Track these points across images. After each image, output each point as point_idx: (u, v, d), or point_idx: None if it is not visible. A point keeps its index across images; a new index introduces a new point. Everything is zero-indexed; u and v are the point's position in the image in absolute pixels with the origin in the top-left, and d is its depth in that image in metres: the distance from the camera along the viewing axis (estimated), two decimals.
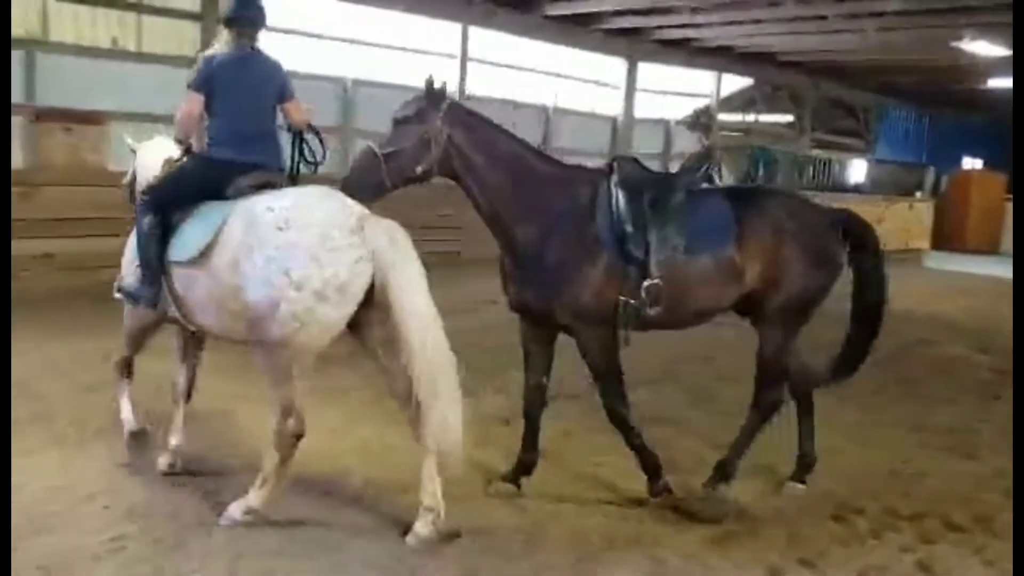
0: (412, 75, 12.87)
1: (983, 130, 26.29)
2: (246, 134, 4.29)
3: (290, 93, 4.61)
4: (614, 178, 4.19)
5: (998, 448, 5.53)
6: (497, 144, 4.25)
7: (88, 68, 9.61)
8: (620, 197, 4.12)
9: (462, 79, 13.37)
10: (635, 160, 4.44)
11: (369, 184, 4.07)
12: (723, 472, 4.40)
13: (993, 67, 16.10)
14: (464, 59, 13.35)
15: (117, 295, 4.43)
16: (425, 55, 13.05)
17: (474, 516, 4.01)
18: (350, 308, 3.69)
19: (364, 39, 12.21)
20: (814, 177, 21.27)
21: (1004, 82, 18.06)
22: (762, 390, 4.48)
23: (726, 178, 18.30)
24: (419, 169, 4.08)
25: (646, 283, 4.00)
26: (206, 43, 10.38)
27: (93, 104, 9.65)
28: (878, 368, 7.64)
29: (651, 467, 4.29)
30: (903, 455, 5.33)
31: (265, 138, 4.38)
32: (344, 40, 12.00)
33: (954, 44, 13.61)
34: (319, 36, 11.74)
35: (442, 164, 4.11)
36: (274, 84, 4.52)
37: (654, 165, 17.28)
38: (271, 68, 4.58)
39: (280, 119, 4.57)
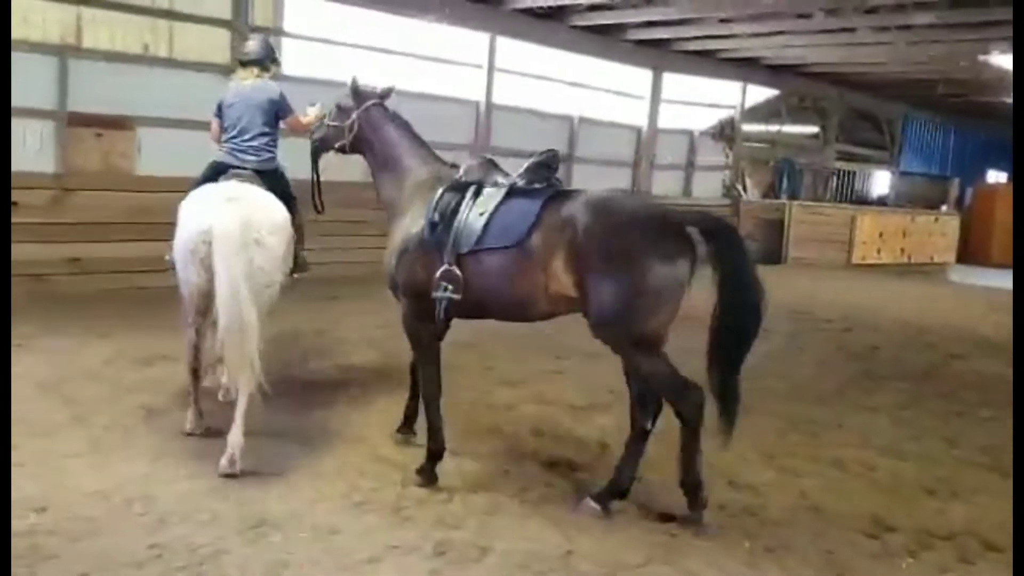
0: (439, 84, 12.95)
1: (1008, 144, 26.08)
2: (238, 145, 5.76)
3: (285, 111, 5.83)
4: (451, 175, 4.78)
5: None
6: (387, 139, 5.20)
7: (120, 74, 9.70)
8: (440, 192, 4.61)
9: (489, 89, 13.39)
10: (490, 161, 4.95)
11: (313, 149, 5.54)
12: (690, 488, 4.19)
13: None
14: (491, 69, 13.37)
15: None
16: (452, 65, 13.09)
17: (507, 530, 4.00)
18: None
19: (392, 48, 12.24)
20: (838, 189, 21.17)
21: None
22: (672, 404, 4.25)
23: (750, 189, 18.29)
24: (338, 144, 5.39)
25: (441, 268, 4.40)
26: (235, 49, 10.48)
27: (124, 110, 9.75)
28: (912, 383, 7.66)
29: (434, 450, 4.58)
30: (938, 472, 5.26)
31: (253, 147, 5.77)
32: (371, 49, 12.03)
33: (982, 57, 13.52)
34: (346, 44, 11.79)
35: (352, 145, 5.33)
36: (268, 107, 5.75)
37: (678, 175, 17.31)
38: (266, 95, 5.77)
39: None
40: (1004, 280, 17.69)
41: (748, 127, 18.71)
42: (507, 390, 6.48)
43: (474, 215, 4.45)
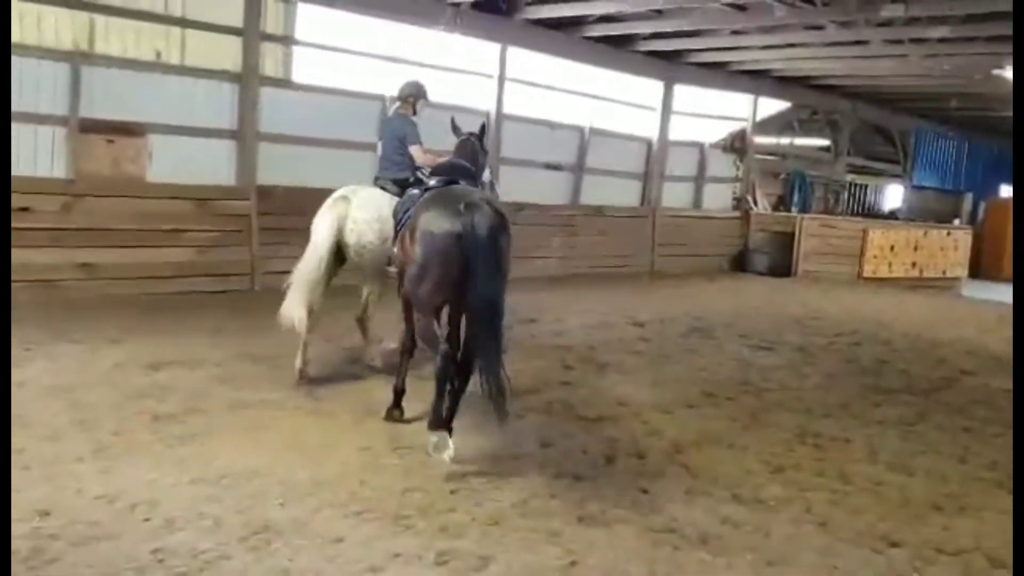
0: (451, 94, 12.97)
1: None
2: (381, 162, 7.32)
3: (411, 141, 7.09)
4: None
5: None
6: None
7: (132, 81, 9.76)
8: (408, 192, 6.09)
9: (499, 99, 13.41)
10: (451, 167, 6.06)
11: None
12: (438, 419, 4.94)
13: None
14: (502, 79, 13.40)
15: None
16: (464, 74, 13.12)
17: (509, 541, 3.98)
18: None
19: (404, 57, 12.28)
20: (849, 202, 21.11)
21: None
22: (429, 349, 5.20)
23: (760, 201, 18.26)
24: None
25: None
26: (247, 58, 10.54)
27: (136, 116, 9.81)
28: (921, 397, 7.61)
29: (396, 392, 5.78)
30: (945, 488, 5.22)
31: (392, 164, 7.14)
32: (384, 58, 12.08)
33: (996, 71, 13.48)
34: (360, 54, 11.84)
35: None
36: (399, 135, 7.15)
37: (688, 187, 17.30)
38: (400, 125, 7.22)
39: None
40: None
41: (759, 139, 18.69)
42: (514, 400, 6.45)
43: (401, 207, 5.94)
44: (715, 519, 4.40)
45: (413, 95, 7.39)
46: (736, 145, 17.89)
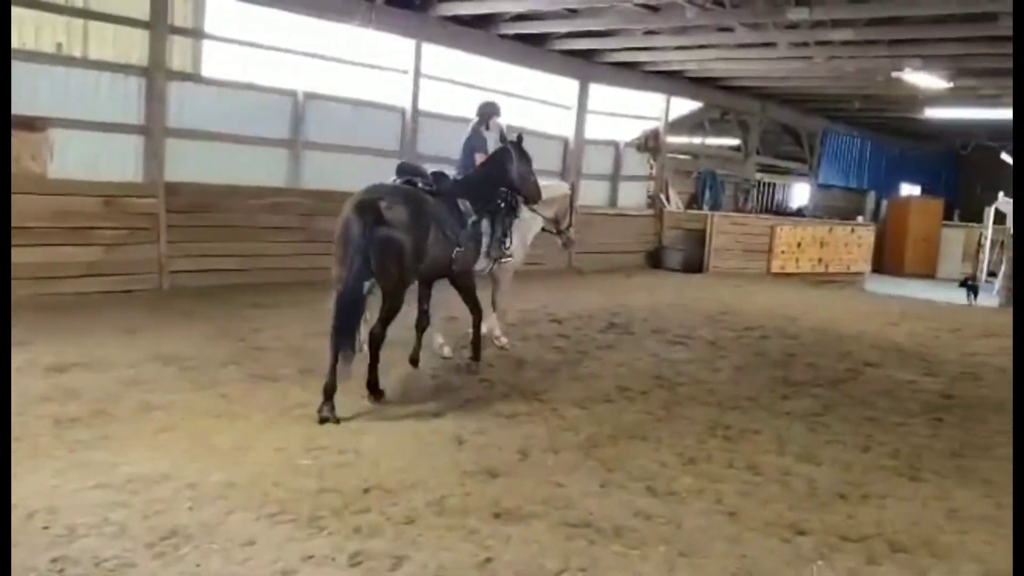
0: (365, 90, 12.85)
1: (921, 158, 27.10)
2: (458, 169, 8.19)
3: (477, 150, 8.27)
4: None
5: (942, 471, 5.64)
6: None
7: (32, 74, 9.37)
8: None
9: (415, 95, 13.33)
10: (401, 168, 7.17)
11: None
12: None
13: (932, 98, 16.59)
14: (417, 75, 13.32)
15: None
16: (378, 70, 13.00)
17: (424, 539, 3.97)
18: None
19: (317, 52, 12.11)
20: (759, 200, 21.67)
21: (941, 112, 18.62)
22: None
23: (673, 199, 18.57)
24: None
25: None
26: (154, 52, 10.24)
27: (37, 111, 9.42)
28: (827, 389, 7.84)
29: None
30: (850, 477, 5.38)
31: (463, 171, 8.03)
32: (297, 53, 11.89)
33: (896, 74, 14.00)
34: (272, 48, 11.62)
35: None
36: (471, 146, 8.37)
37: (604, 186, 17.50)
38: (472, 137, 8.51)
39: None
40: (916, 289, 18.34)
41: (672, 139, 19.02)
42: (429, 398, 6.44)
43: None
44: (629, 512, 4.46)
45: (487, 113, 8.70)
46: (650, 144, 18.16)
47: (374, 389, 6.23)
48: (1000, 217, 20.50)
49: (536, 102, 15.63)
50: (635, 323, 10.62)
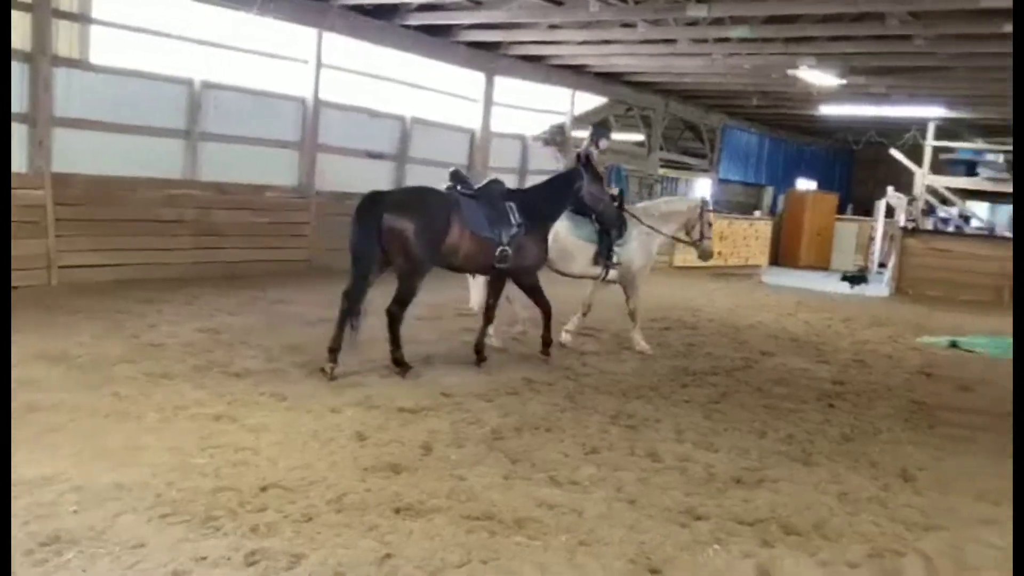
0: (265, 79, 12.55)
1: (816, 154, 28.04)
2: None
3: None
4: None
5: (833, 455, 5.84)
6: None
7: None
8: None
9: (316, 85, 13.08)
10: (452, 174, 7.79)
11: None
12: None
13: (825, 95, 17.14)
14: (319, 65, 13.08)
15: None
16: (278, 59, 12.72)
17: (323, 537, 3.89)
18: None
19: (214, 40, 11.77)
20: (662, 195, 22.03)
21: (835, 109, 19.27)
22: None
23: None
24: None
25: None
26: (37, 36, 9.78)
27: None
28: (724, 378, 8.03)
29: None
30: (746, 462, 5.52)
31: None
32: (193, 40, 11.52)
33: (791, 72, 14.41)
34: (165, 35, 11.22)
35: None
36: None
37: (511, 179, 17.50)
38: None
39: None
40: (812, 282, 18.96)
41: (579, 134, 19.15)
42: (330, 395, 6.33)
43: None
44: (532, 503, 4.47)
45: (557, 138, 9.87)
46: (557, 138, 18.27)
47: (399, 364, 7.08)
48: (890, 210, 21.38)
49: (442, 94, 15.54)
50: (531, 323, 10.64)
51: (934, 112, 18.82)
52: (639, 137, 21.25)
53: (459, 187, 7.54)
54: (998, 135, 21.74)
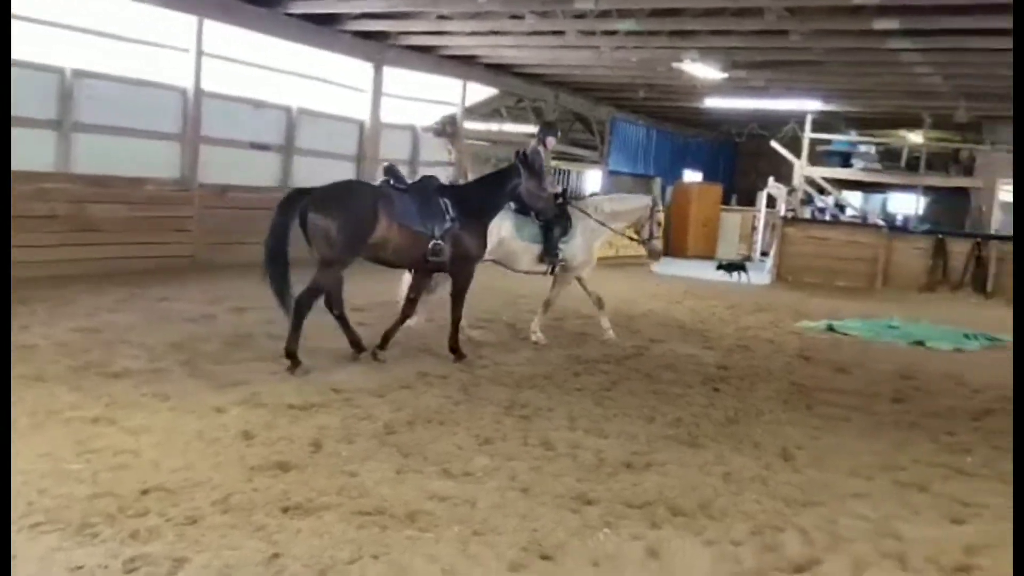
0: (142, 68, 12.08)
1: (702, 146, 28.79)
2: None
3: None
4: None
5: (718, 437, 6.02)
6: None
7: None
8: None
9: (197, 75, 12.66)
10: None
11: None
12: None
13: (709, 88, 17.62)
14: (199, 54, 12.65)
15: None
16: (156, 47, 12.25)
17: (207, 540, 3.78)
18: None
19: (87, 27, 11.24)
20: (553, 186, 22.22)
21: (719, 102, 19.82)
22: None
23: None
24: None
25: None
26: None
27: None
28: (616, 366, 8.17)
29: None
30: (635, 446, 5.62)
31: None
32: (64, 27, 10.97)
33: (675, 65, 14.75)
34: (35, 21, 10.64)
35: None
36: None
37: (405, 170, 17.32)
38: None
39: None
40: (699, 271, 19.48)
41: (470, 125, 19.16)
42: (215, 394, 6.14)
43: None
44: (424, 496, 4.44)
45: (545, 133, 9.74)
46: (448, 129, 18.21)
47: (290, 356, 6.98)
48: (771, 201, 22.17)
49: (330, 84, 15.27)
50: (439, 307, 10.59)
51: (811, 105, 19.58)
52: (530, 129, 21.37)
53: (392, 182, 7.59)
54: (870, 127, 22.84)
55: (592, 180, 23.49)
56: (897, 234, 17.96)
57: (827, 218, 21.32)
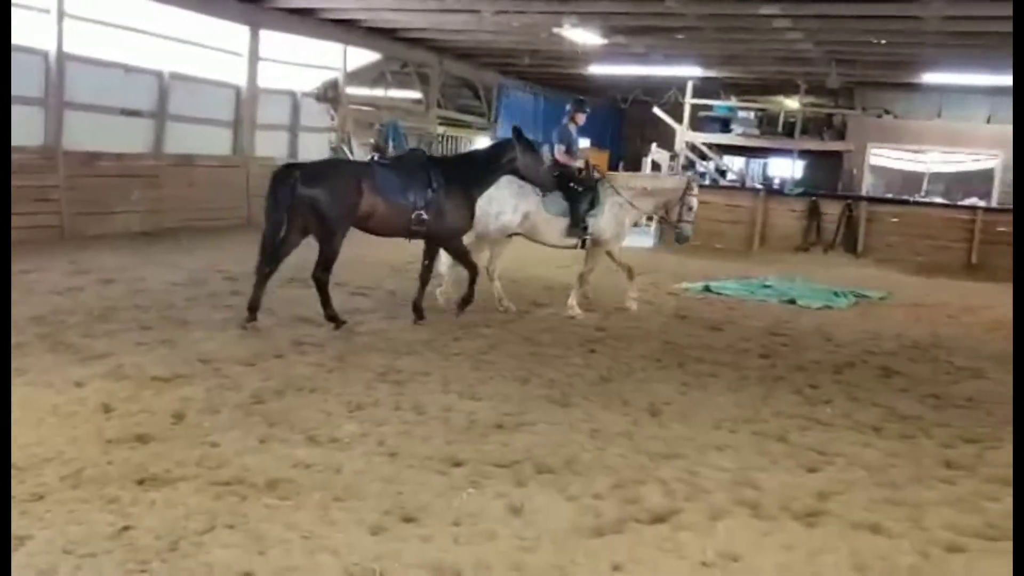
0: None
1: (590, 112, 29.00)
2: None
3: (560, 141, 9.71)
4: None
5: (590, 395, 6.13)
6: None
7: None
8: None
9: (60, 37, 12.01)
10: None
11: None
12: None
13: (592, 55, 17.75)
14: (61, 15, 11.99)
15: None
16: (16, 8, 11.50)
17: (53, 515, 3.64)
18: None
19: None
20: (442, 152, 22.11)
21: (602, 69, 20.01)
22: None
23: (356, 151, 18.42)
24: None
25: None
26: None
27: None
28: (497, 329, 8.19)
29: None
30: (508, 407, 5.67)
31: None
32: None
33: (556, 31, 14.77)
34: None
35: None
36: (556, 137, 9.81)
37: (283, 137, 16.97)
38: (560, 130, 9.91)
39: None
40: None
41: (353, 90, 18.80)
42: (76, 367, 5.90)
43: None
44: (287, 464, 4.39)
45: (575, 109, 9.97)
46: (329, 94, 17.85)
47: (333, 319, 7.71)
48: (656, 167, 22.56)
49: (204, 48, 14.71)
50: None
51: (691, 71, 19.98)
52: (416, 94, 21.16)
53: (377, 156, 8.34)
54: (749, 94, 23.47)
55: (482, 146, 23.44)
56: (774, 197, 18.54)
57: (707, 182, 21.84)
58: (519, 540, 3.75)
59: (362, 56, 18.53)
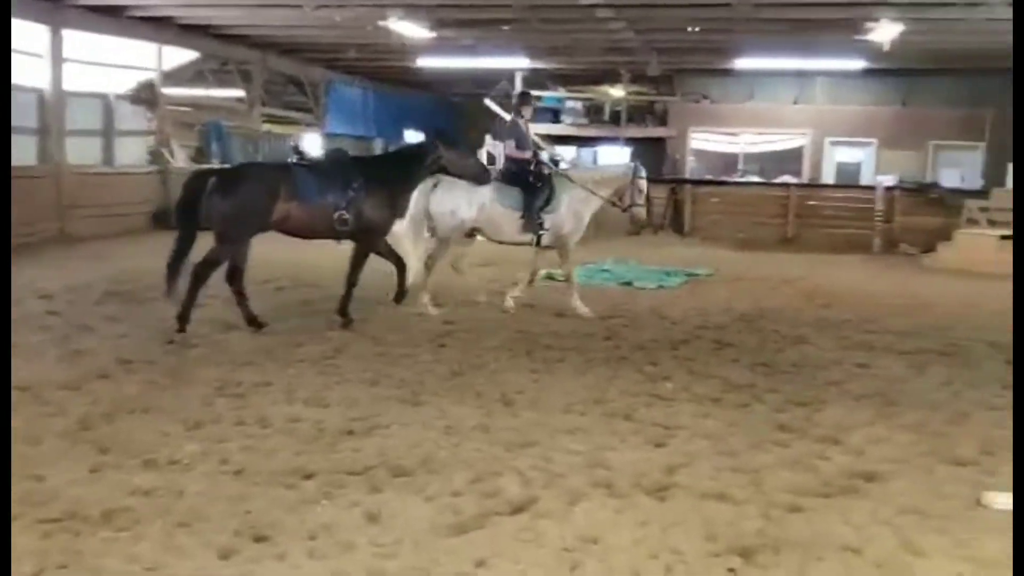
0: None
1: (422, 105, 28.90)
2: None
3: (511, 137, 9.74)
4: None
5: (441, 391, 6.07)
6: None
7: None
8: None
9: None
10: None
11: None
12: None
13: (420, 47, 17.62)
14: None
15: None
16: None
17: None
18: None
19: None
20: (270, 151, 21.44)
21: (432, 61, 19.92)
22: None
23: (177, 154, 17.54)
24: None
25: None
26: None
27: None
28: (341, 332, 7.95)
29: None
30: (357, 412, 5.52)
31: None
32: None
33: (381, 23, 14.56)
34: None
35: None
36: (509, 135, 9.83)
37: (96, 142, 15.95)
38: (511, 128, 9.90)
39: None
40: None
41: (171, 91, 17.88)
42: None
43: None
44: (123, 492, 4.10)
45: (520, 103, 10.08)
46: (145, 96, 16.91)
47: (182, 321, 7.45)
48: (492, 159, 22.69)
49: None
50: (142, 290, 9.81)
51: (519, 63, 20.19)
52: (240, 93, 20.40)
53: (297, 158, 8.13)
54: (576, 84, 23.99)
55: (311, 143, 22.89)
56: None
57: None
58: (378, 547, 3.66)
59: (179, 55, 17.65)
